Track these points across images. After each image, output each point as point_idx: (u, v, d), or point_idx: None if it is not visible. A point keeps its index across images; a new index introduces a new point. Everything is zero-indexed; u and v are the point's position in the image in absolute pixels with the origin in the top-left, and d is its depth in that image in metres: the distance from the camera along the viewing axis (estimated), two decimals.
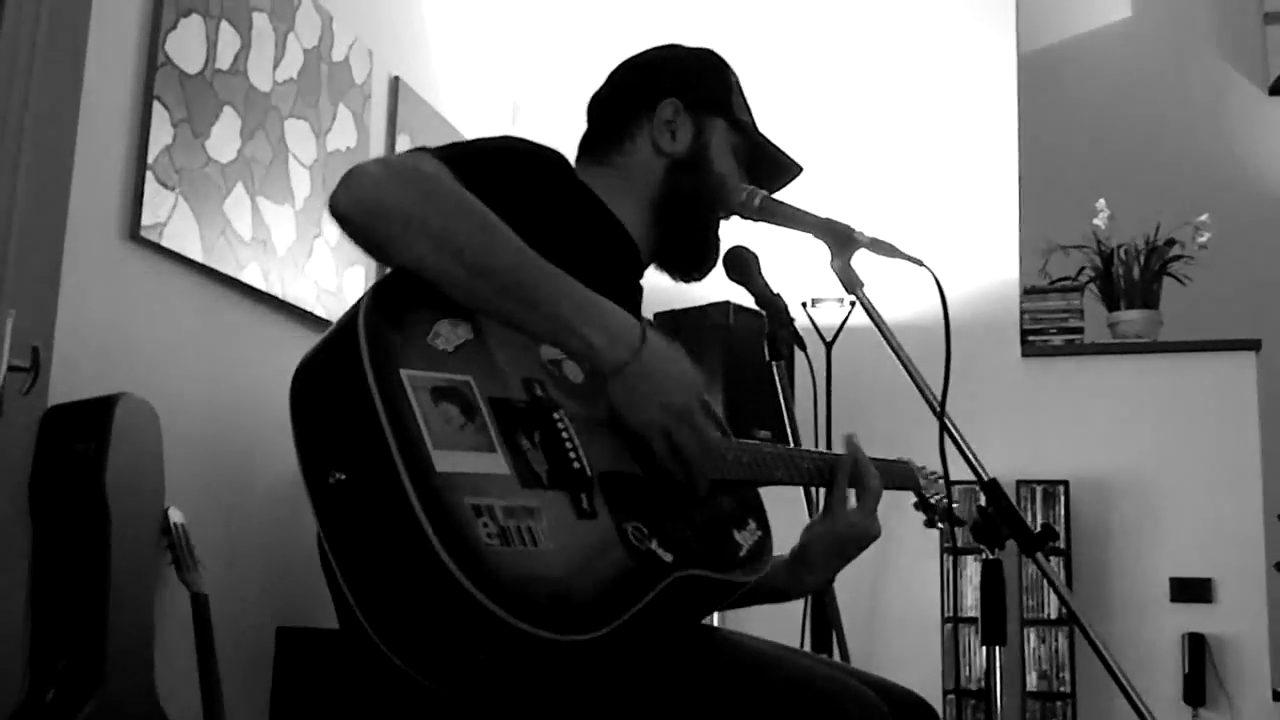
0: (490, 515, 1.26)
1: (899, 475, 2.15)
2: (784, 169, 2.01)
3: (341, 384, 1.30)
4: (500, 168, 1.65)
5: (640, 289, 1.94)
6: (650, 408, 1.48)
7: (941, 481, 2.20)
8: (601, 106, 1.97)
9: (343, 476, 1.27)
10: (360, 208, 1.42)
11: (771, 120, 2.01)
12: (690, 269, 1.94)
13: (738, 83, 1.98)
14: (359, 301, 1.36)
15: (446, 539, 1.21)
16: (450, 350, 1.39)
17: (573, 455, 1.42)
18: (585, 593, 1.31)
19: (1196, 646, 4.37)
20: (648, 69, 1.97)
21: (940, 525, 2.19)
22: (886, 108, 5.03)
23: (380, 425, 1.25)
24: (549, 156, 1.79)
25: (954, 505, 2.18)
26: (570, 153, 1.94)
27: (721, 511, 1.62)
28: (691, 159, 1.89)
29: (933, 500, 2.18)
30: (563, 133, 1.98)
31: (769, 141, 1.98)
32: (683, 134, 1.89)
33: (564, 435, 1.44)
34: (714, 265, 1.96)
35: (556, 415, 1.45)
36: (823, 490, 1.94)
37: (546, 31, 5.36)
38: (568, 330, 1.46)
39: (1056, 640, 4.39)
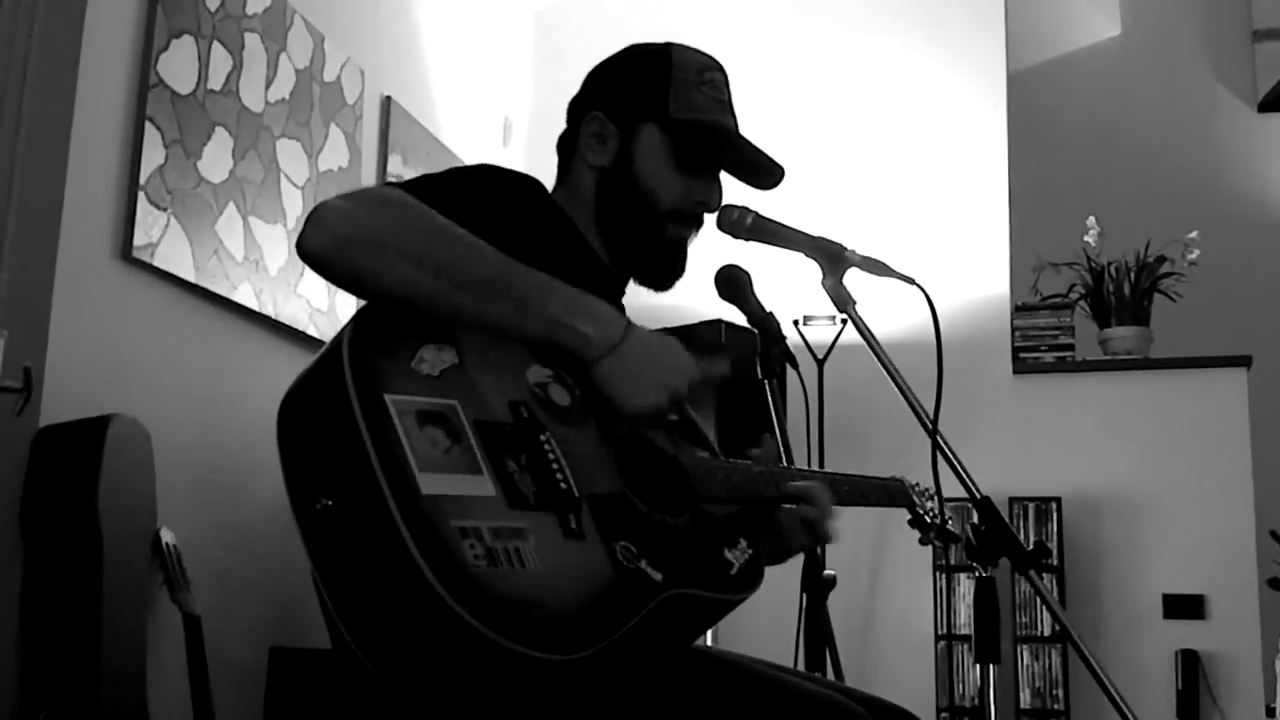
0: (477, 537, 1.26)
1: (892, 493, 2.15)
2: (753, 164, 1.91)
3: (326, 411, 1.30)
4: (471, 193, 1.66)
5: (621, 308, 1.93)
6: (650, 382, 1.50)
7: (935, 499, 2.20)
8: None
9: (329, 502, 1.27)
10: (337, 242, 1.41)
11: (765, 139, 2.00)
12: (652, 279, 1.90)
13: (690, 76, 1.88)
14: (343, 330, 1.36)
15: (433, 561, 1.21)
16: (435, 375, 1.39)
17: (559, 476, 1.42)
18: (575, 612, 1.31)
19: (1190, 663, 4.37)
20: (587, 82, 1.95)
21: (936, 542, 2.19)
22: (878, 126, 5.04)
23: (365, 450, 1.25)
24: (521, 181, 1.79)
25: (948, 521, 2.18)
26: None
27: (712, 530, 1.62)
28: (615, 168, 1.85)
29: (927, 518, 2.18)
30: (554, 151, 1.98)
31: (737, 135, 1.90)
32: (611, 144, 1.86)
33: (550, 456, 1.43)
34: (679, 273, 1.90)
35: (543, 437, 1.44)
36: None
37: (538, 50, 5.37)
38: (559, 325, 1.47)
39: (1050, 657, 4.39)
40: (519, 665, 1.23)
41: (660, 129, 1.85)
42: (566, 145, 1.93)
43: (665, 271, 1.89)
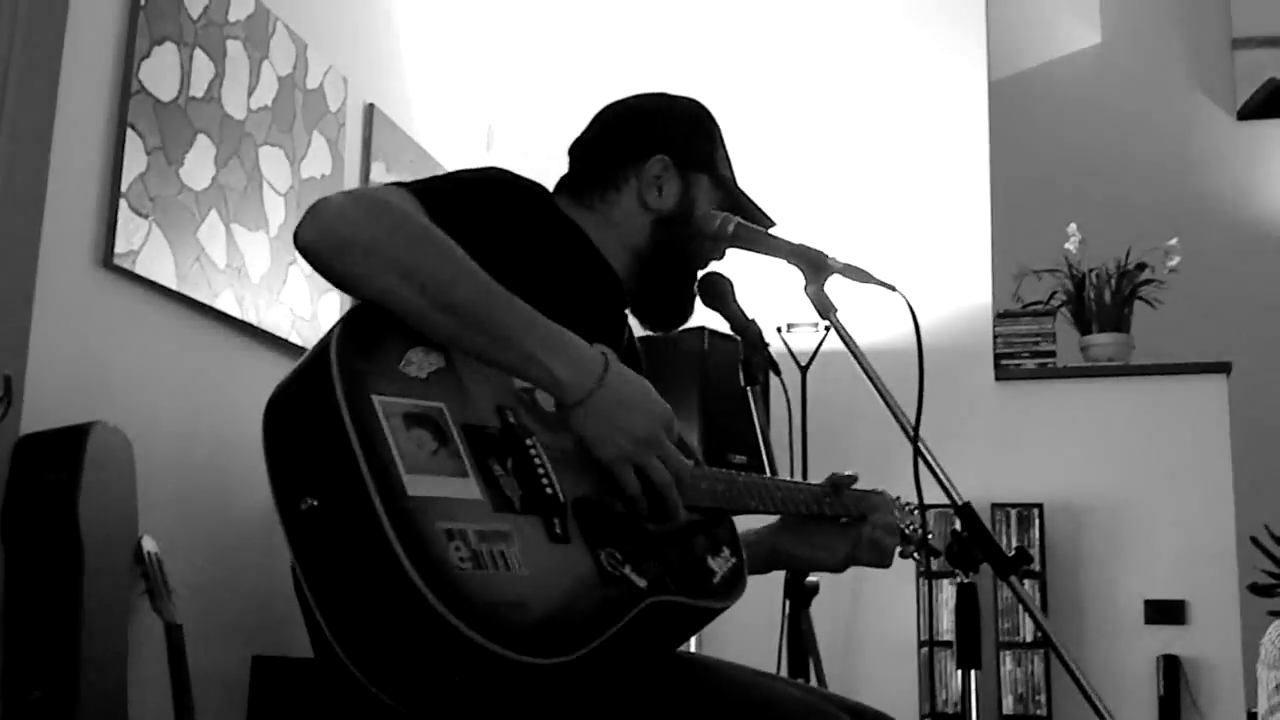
0: (462, 539, 1.27)
1: (874, 506, 2.16)
2: (757, 222, 2.00)
3: (314, 411, 1.30)
4: (478, 198, 1.66)
5: (625, 318, 1.94)
6: (617, 437, 1.47)
7: (916, 512, 2.21)
8: (587, 152, 1.96)
9: (315, 503, 1.27)
10: (326, 239, 1.42)
11: (745, 149, 2.03)
12: (665, 322, 1.96)
13: (721, 136, 2.00)
14: (331, 330, 1.36)
15: (418, 562, 1.21)
16: (423, 377, 1.39)
17: (545, 481, 1.43)
18: (558, 616, 1.31)
19: (1171, 668, 4.38)
20: (638, 121, 1.97)
21: (915, 556, 2.20)
22: (859, 134, 5.06)
23: (352, 450, 1.25)
24: (530, 188, 1.79)
25: (929, 535, 2.19)
26: (544, 179, 1.94)
27: (696, 538, 1.62)
28: (678, 216, 1.90)
29: (907, 530, 2.19)
30: (537, 158, 1.98)
31: (745, 195, 2.00)
32: (669, 190, 1.90)
33: (536, 461, 1.44)
34: (688, 319, 1.98)
35: (529, 442, 1.45)
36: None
37: (521, 58, 5.37)
38: (532, 362, 1.45)
39: (1032, 663, 4.40)
40: (501, 668, 1.23)
41: (711, 183, 1.95)
42: (604, 176, 1.92)
43: (678, 317, 1.97)
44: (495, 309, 1.45)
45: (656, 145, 1.91)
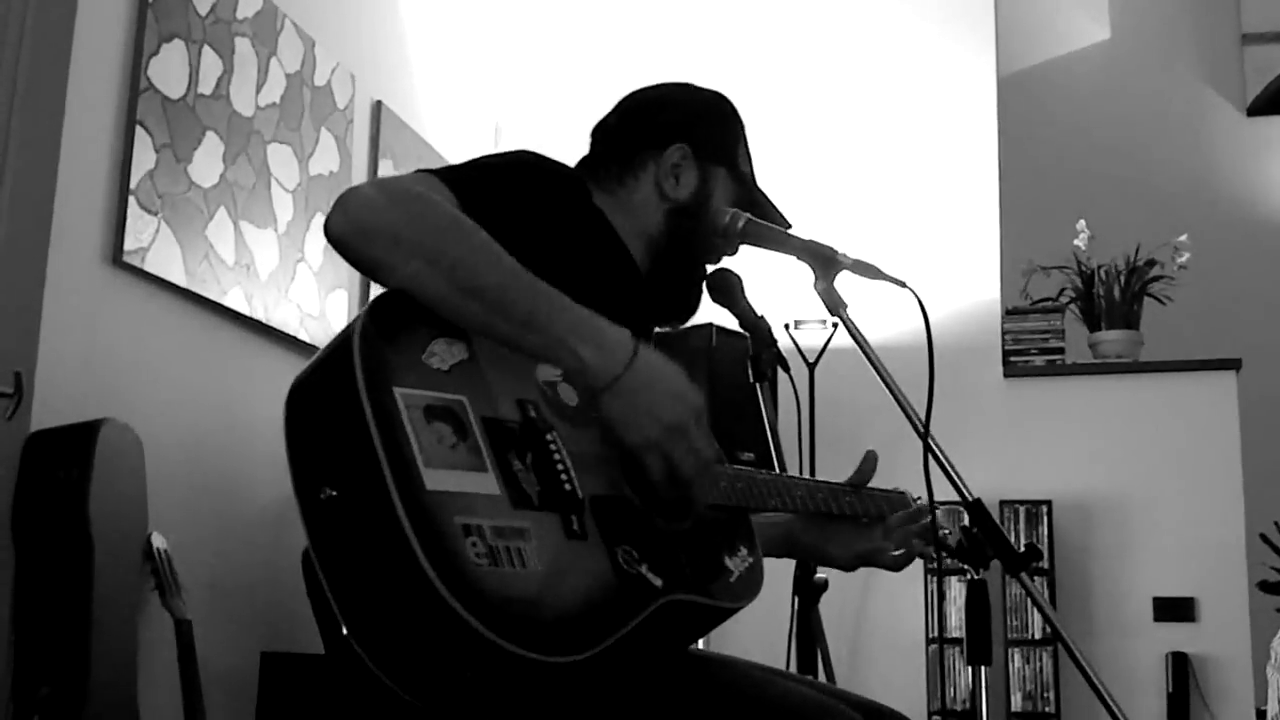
0: (479, 535, 1.27)
1: (894, 505, 2.16)
2: (773, 224, 1.99)
3: (335, 401, 1.30)
4: (508, 182, 1.65)
5: (649, 308, 1.94)
6: (645, 423, 1.46)
7: (936, 512, 2.21)
8: (608, 136, 1.95)
9: (334, 493, 1.27)
10: (353, 229, 1.42)
11: (754, 144, 2.02)
12: (673, 315, 1.94)
13: (745, 133, 1.99)
14: (356, 319, 1.36)
15: (434, 557, 1.21)
16: (445, 369, 1.39)
17: (564, 477, 1.42)
18: (573, 614, 1.31)
19: (1180, 665, 4.38)
20: (661, 108, 1.96)
21: (933, 555, 2.19)
22: (868, 130, 5.05)
23: (372, 442, 1.26)
24: (563, 173, 1.79)
25: (947, 534, 2.18)
26: None
27: (713, 537, 1.62)
28: (693, 206, 1.89)
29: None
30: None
31: (764, 194, 1.99)
32: (686, 180, 1.89)
33: (556, 457, 1.43)
34: (695, 313, 1.96)
35: (549, 437, 1.45)
36: None
37: (528, 54, 5.37)
38: (560, 346, 1.44)
39: (1041, 660, 4.40)
40: (514, 665, 1.23)
41: (729, 177, 1.94)
42: (623, 160, 1.92)
43: (685, 311, 1.95)
44: (522, 293, 1.45)
45: (677, 134, 1.90)
